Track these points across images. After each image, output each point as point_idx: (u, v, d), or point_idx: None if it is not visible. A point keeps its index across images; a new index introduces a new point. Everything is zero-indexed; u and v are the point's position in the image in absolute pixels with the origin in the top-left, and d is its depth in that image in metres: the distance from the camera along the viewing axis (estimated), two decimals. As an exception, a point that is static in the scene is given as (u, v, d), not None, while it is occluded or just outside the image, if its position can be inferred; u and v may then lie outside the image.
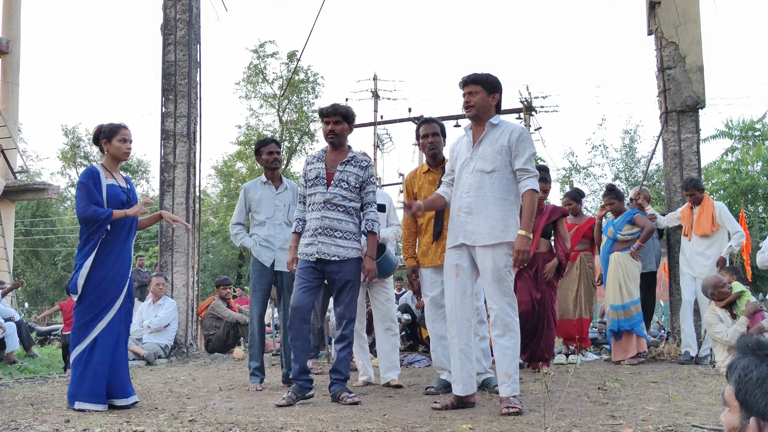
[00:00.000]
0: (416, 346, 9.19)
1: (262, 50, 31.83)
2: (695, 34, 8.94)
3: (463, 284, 4.66)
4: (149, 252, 33.10)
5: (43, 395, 5.53)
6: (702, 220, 7.95)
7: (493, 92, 4.68)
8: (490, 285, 4.51)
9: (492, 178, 4.55)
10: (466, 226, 4.60)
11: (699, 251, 7.98)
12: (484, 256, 4.53)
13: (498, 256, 4.48)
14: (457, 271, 4.67)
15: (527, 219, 4.44)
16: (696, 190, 8.03)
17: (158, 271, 9.88)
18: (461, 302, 4.66)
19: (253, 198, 6.12)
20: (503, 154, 4.55)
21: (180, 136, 9.97)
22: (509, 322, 4.47)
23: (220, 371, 7.45)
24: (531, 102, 24.79)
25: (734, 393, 1.55)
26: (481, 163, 4.59)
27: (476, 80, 4.68)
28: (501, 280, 4.48)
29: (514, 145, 4.55)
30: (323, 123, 5.26)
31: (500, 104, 4.78)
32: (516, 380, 4.48)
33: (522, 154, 4.54)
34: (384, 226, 6.22)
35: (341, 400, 4.91)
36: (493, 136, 4.62)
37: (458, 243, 4.64)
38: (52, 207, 37.76)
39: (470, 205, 4.59)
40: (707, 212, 7.98)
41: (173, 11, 10.22)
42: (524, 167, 4.53)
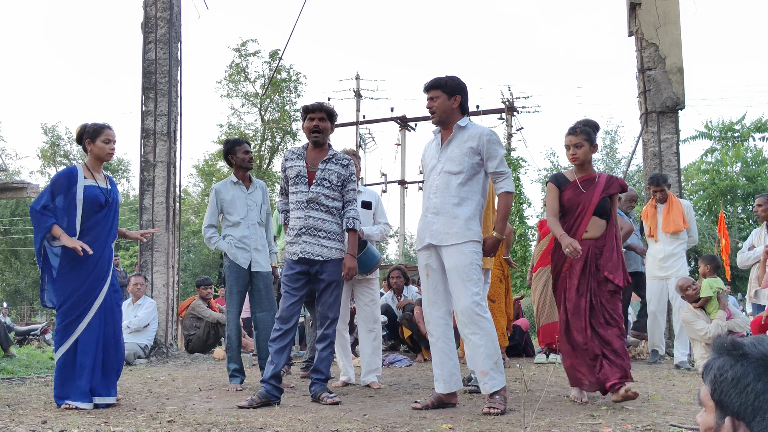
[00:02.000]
0: (397, 345, 9.19)
1: (244, 49, 31.73)
2: (675, 35, 9.01)
3: (435, 284, 4.70)
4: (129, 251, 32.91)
5: (20, 396, 5.47)
6: (672, 217, 7.73)
7: (453, 95, 4.69)
8: (456, 283, 4.53)
9: (458, 179, 4.60)
10: (432, 226, 4.65)
11: (670, 251, 7.75)
12: (449, 255, 4.57)
13: (463, 254, 4.51)
14: (428, 271, 4.72)
15: (501, 221, 4.59)
16: (665, 186, 7.84)
17: (138, 270, 9.82)
18: (435, 302, 4.71)
19: (225, 199, 6.00)
20: (470, 155, 4.60)
21: (160, 134, 9.92)
22: (478, 319, 4.47)
23: (200, 371, 7.41)
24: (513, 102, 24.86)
25: (710, 393, 1.55)
26: (449, 165, 4.63)
27: (436, 85, 4.73)
28: (468, 279, 4.50)
29: (485, 149, 4.60)
30: (307, 120, 5.22)
31: (465, 105, 4.77)
32: (494, 375, 4.44)
33: (494, 156, 4.61)
34: (370, 223, 6.20)
35: (321, 400, 4.89)
36: (461, 138, 4.66)
37: (426, 243, 4.69)
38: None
39: (437, 205, 4.64)
40: (676, 209, 7.77)
41: (154, 9, 10.16)
42: (497, 170, 4.61)
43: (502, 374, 4.51)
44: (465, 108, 4.78)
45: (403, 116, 26.30)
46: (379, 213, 6.33)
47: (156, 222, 9.74)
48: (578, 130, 4.97)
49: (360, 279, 6.03)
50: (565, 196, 4.97)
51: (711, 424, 1.54)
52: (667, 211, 7.74)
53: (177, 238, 10.10)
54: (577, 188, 4.96)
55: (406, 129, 26.77)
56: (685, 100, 8.93)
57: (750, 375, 1.47)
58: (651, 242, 7.90)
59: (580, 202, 4.94)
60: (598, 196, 4.93)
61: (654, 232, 7.80)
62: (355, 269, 5.14)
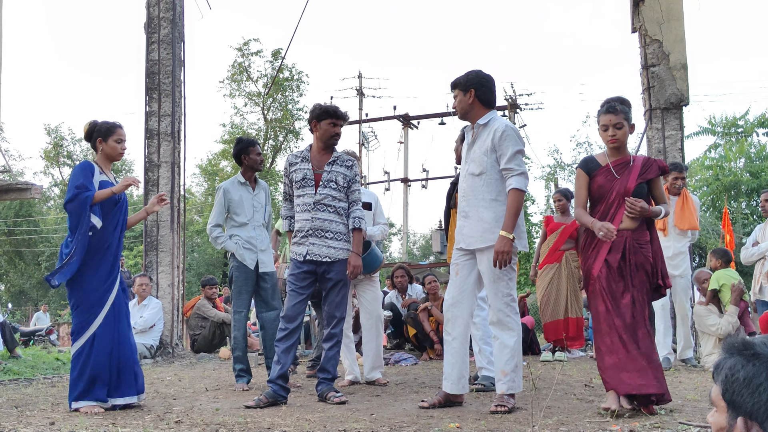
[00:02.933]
0: (403, 344, 9.19)
1: (247, 48, 31.78)
2: (679, 31, 9.00)
3: (461, 284, 4.68)
4: (134, 251, 32.95)
5: (27, 397, 5.49)
6: (687, 213, 7.20)
7: (467, 90, 4.64)
8: (488, 286, 4.54)
9: (481, 181, 4.55)
10: (463, 230, 4.64)
11: (679, 248, 7.24)
12: (480, 258, 4.56)
13: (492, 258, 4.45)
14: (457, 269, 4.71)
15: (510, 219, 4.41)
16: (684, 175, 7.29)
17: (143, 270, 9.83)
18: (459, 301, 4.68)
19: (233, 199, 5.99)
20: (489, 154, 4.52)
21: (164, 135, 9.93)
22: (508, 320, 4.48)
23: (206, 371, 7.42)
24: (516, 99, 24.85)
25: (721, 393, 1.55)
26: (472, 167, 4.60)
27: (453, 85, 4.73)
28: (498, 281, 4.49)
29: (498, 145, 4.50)
30: (329, 124, 5.19)
31: (484, 98, 4.63)
32: (514, 378, 4.45)
33: (505, 152, 4.47)
34: (370, 224, 6.23)
35: (328, 399, 4.90)
36: (483, 136, 4.60)
37: (459, 246, 4.69)
38: (35, 207, 37.45)
39: (464, 209, 4.63)
40: (691, 205, 7.26)
41: (157, 9, 10.17)
42: (507, 166, 4.46)
43: (520, 379, 4.51)
44: (486, 101, 4.65)
45: (405, 114, 26.28)
46: (378, 213, 6.39)
47: (161, 222, 9.75)
48: (618, 109, 4.41)
49: (362, 278, 6.10)
50: (595, 183, 4.48)
51: (723, 424, 1.53)
52: (680, 206, 7.19)
53: (181, 237, 10.11)
54: (609, 173, 4.45)
55: (409, 127, 26.75)
56: (689, 97, 8.91)
57: (762, 375, 1.47)
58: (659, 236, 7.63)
59: (614, 189, 4.41)
60: (633, 182, 4.41)
61: (665, 226, 7.14)
62: (359, 268, 5.15)
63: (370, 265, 5.96)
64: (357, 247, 5.18)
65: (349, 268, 5.12)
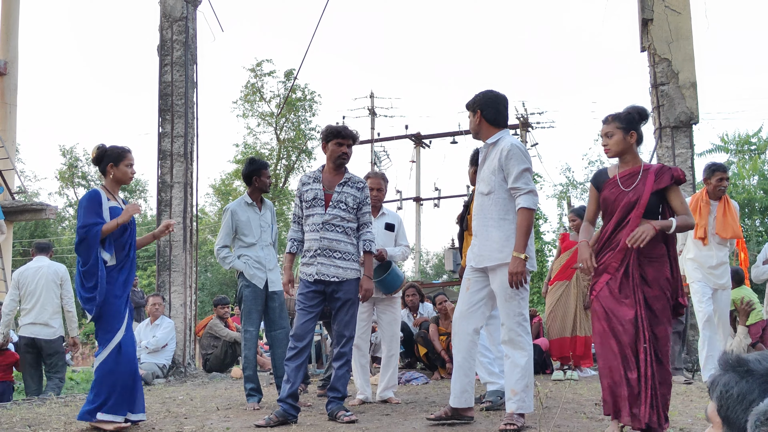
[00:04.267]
0: (414, 363, 9.19)
1: (259, 69, 32.06)
2: (688, 50, 9.03)
3: (471, 300, 4.71)
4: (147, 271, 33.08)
5: (40, 417, 5.53)
6: (729, 219, 6.50)
7: (475, 111, 4.72)
8: (500, 305, 4.58)
9: (490, 200, 4.59)
10: (474, 249, 4.69)
11: (722, 257, 6.59)
12: (492, 277, 4.60)
13: (503, 277, 4.49)
14: (468, 285, 4.74)
15: (521, 239, 4.41)
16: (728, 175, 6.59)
17: (156, 290, 9.90)
18: (467, 317, 4.70)
19: (240, 220, 6.05)
20: (496, 174, 4.55)
21: (177, 156, 10.03)
22: (519, 340, 4.51)
23: (218, 390, 7.45)
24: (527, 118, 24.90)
25: (716, 409, 1.58)
26: (481, 186, 4.65)
27: (467, 107, 4.81)
28: (510, 300, 4.51)
29: (504, 164, 4.51)
30: (335, 144, 5.26)
31: (492, 117, 4.66)
32: (524, 398, 4.46)
33: (512, 171, 4.48)
34: (392, 245, 6.28)
35: (338, 418, 4.91)
36: (491, 156, 4.65)
37: (470, 264, 4.73)
38: (50, 227, 37.72)
39: (476, 228, 4.69)
40: (732, 210, 6.58)
41: (170, 32, 10.31)
42: (515, 185, 4.47)
43: (531, 399, 4.51)
44: (494, 120, 4.68)
45: (417, 133, 26.34)
46: (401, 235, 6.41)
47: (173, 242, 9.82)
48: (609, 118, 4.35)
49: (383, 298, 6.14)
50: (602, 196, 4.37)
51: (719, 440, 1.56)
52: (722, 212, 6.52)
53: (194, 257, 10.18)
54: (615, 186, 4.30)
55: (421, 146, 26.82)
56: (699, 114, 8.92)
57: (755, 391, 1.50)
58: (697, 246, 6.60)
59: (621, 202, 4.24)
60: (647, 195, 4.18)
61: (705, 234, 6.48)
62: (371, 291, 5.19)
63: (390, 286, 6.04)
64: (368, 270, 5.22)
65: (361, 291, 5.15)
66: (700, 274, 6.58)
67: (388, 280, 6.00)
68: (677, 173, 4.22)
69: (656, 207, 4.22)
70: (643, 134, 4.39)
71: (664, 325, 4.11)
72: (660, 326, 4.10)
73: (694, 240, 6.57)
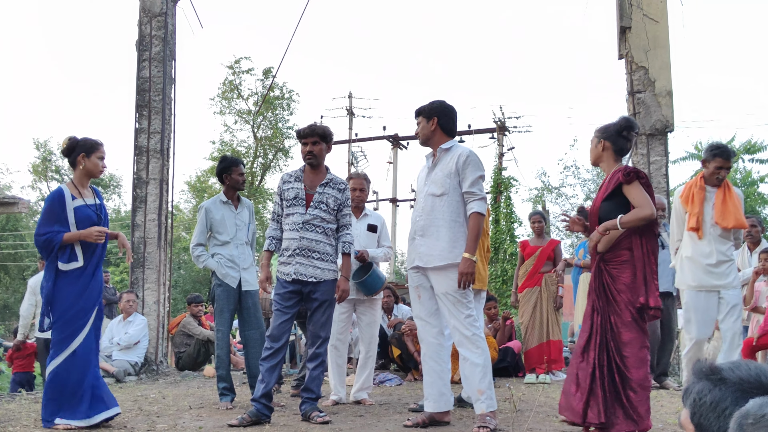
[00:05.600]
0: (387, 364, 9.20)
1: (238, 66, 31.90)
2: (665, 59, 9.12)
3: (426, 305, 4.79)
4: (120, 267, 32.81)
5: (10, 413, 5.47)
6: (730, 206, 5.57)
7: (431, 118, 4.83)
8: (447, 307, 4.60)
9: (442, 201, 4.67)
10: (419, 249, 4.73)
11: (723, 252, 5.61)
12: (437, 278, 4.65)
13: (450, 279, 4.58)
14: (419, 293, 4.80)
15: (472, 241, 4.54)
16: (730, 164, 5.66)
17: (129, 287, 9.82)
18: (427, 323, 4.80)
19: (215, 218, 6.01)
20: (452, 177, 4.68)
21: (153, 152, 9.96)
22: (474, 338, 4.54)
23: (191, 389, 7.41)
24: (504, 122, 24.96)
25: (690, 416, 1.60)
26: (433, 187, 4.73)
27: (417, 112, 4.92)
28: (457, 301, 4.57)
29: (461, 169, 4.66)
30: (301, 144, 5.29)
31: (447, 126, 4.85)
32: (490, 395, 4.51)
33: (468, 177, 4.64)
34: (374, 246, 6.29)
35: (312, 419, 4.91)
36: (445, 160, 4.77)
37: (414, 265, 4.77)
38: (21, 221, 37.29)
39: (423, 227, 4.73)
40: (734, 197, 5.63)
41: (148, 28, 10.23)
42: (470, 190, 4.64)
43: (494, 394, 4.59)
44: (448, 129, 4.87)
45: (395, 135, 26.37)
46: (383, 236, 6.44)
47: (148, 239, 9.75)
48: (595, 130, 4.49)
49: (363, 300, 6.17)
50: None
51: (691, 446, 1.58)
52: (721, 199, 5.59)
53: (168, 254, 10.11)
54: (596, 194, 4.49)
55: (398, 147, 26.85)
56: (674, 123, 9.02)
57: (728, 399, 1.52)
58: (692, 240, 5.68)
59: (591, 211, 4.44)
60: (597, 202, 4.38)
61: (699, 224, 5.57)
62: (347, 292, 5.20)
63: (371, 287, 6.06)
64: (346, 271, 5.23)
65: (338, 292, 5.15)
66: (694, 278, 5.58)
67: (368, 282, 6.02)
68: (625, 170, 4.24)
69: (620, 210, 4.20)
70: (624, 146, 4.41)
71: (627, 329, 4.13)
72: (623, 330, 4.14)
73: (688, 234, 5.67)
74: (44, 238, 4.67)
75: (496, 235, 21.93)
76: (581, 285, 8.04)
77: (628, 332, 4.15)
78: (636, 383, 4.11)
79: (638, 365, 4.12)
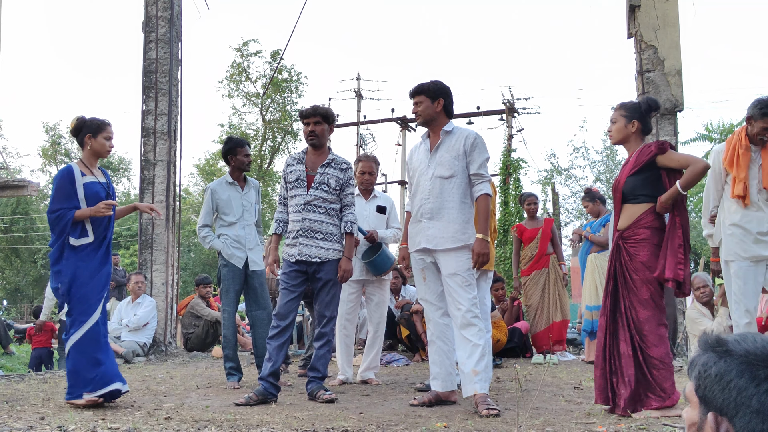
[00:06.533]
0: (395, 345, 9.21)
1: (246, 49, 31.81)
2: (674, 38, 9.03)
3: (432, 286, 4.78)
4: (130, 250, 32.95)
5: (18, 393, 5.50)
6: None
7: (436, 98, 4.77)
8: (455, 288, 4.58)
9: (451, 183, 4.65)
10: (428, 231, 4.69)
11: None
12: (447, 259, 4.62)
13: (461, 260, 4.57)
14: (425, 275, 4.80)
15: (483, 222, 4.55)
16: None
17: (138, 269, 9.85)
18: (433, 304, 4.80)
19: (221, 199, 6.02)
20: (460, 159, 4.66)
21: (160, 134, 9.95)
22: (477, 320, 4.54)
23: (199, 369, 7.44)
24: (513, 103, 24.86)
25: (694, 389, 1.58)
26: (440, 170, 4.68)
27: (419, 90, 4.82)
28: (466, 283, 4.57)
29: (469, 151, 4.65)
30: (304, 124, 5.28)
31: (449, 109, 4.84)
32: (485, 377, 4.50)
33: (476, 159, 4.65)
34: (383, 227, 6.29)
35: (318, 397, 4.92)
36: (449, 142, 4.72)
37: (421, 247, 4.73)
38: (32, 204, 37.45)
39: (431, 210, 4.69)
40: None
41: (155, 9, 10.19)
42: (478, 172, 4.65)
43: (490, 377, 4.63)
44: (450, 111, 4.85)
45: (403, 117, 26.28)
46: (392, 217, 6.44)
47: (156, 220, 9.77)
48: (617, 105, 4.48)
49: (372, 280, 6.19)
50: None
51: (695, 419, 1.56)
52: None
53: (177, 236, 10.12)
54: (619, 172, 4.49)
55: (407, 130, 26.76)
56: (684, 102, 8.94)
57: (733, 371, 1.50)
58: (735, 207, 5.02)
59: (614, 189, 4.48)
60: (623, 177, 4.36)
61: (746, 192, 4.92)
62: (350, 272, 5.19)
63: (380, 267, 6.08)
64: (348, 251, 5.22)
65: (340, 272, 5.15)
66: (745, 249, 4.94)
67: (377, 262, 6.03)
68: (659, 143, 4.27)
69: (646, 187, 4.25)
70: (650, 126, 4.45)
71: (644, 307, 4.20)
72: (639, 308, 4.21)
73: (732, 200, 5.01)
74: (56, 214, 4.69)
75: (504, 216, 21.88)
76: (589, 265, 8.01)
77: (644, 310, 4.21)
78: (657, 360, 4.16)
79: (658, 342, 4.17)
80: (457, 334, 4.58)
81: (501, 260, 21.01)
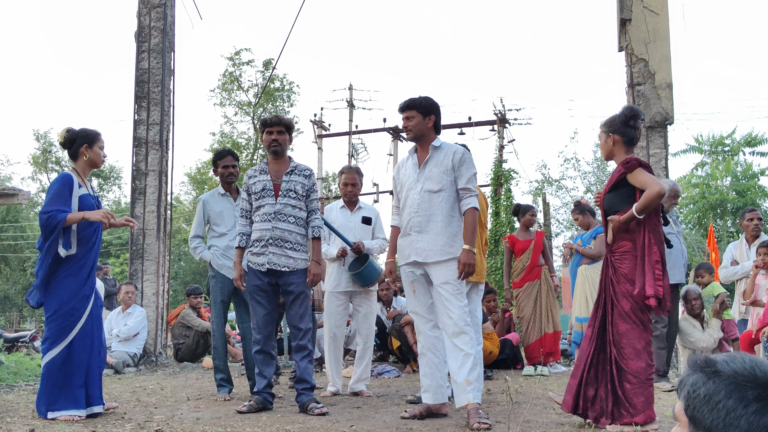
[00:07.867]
0: (386, 356, 9.21)
1: (238, 58, 31.81)
2: (665, 51, 9.09)
3: (422, 299, 4.81)
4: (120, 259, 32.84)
5: (8, 404, 5.48)
6: None
7: (428, 115, 4.84)
8: (446, 298, 4.61)
9: (440, 197, 4.71)
10: (417, 244, 4.73)
11: None
12: (437, 271, 4.66)
13: (451, 271, 4.61)
14: (414, 287, 4.83)
15: (470, 234, 4.60)
16: None
17: (129, 279, 9.82)
18: (423, 316, 4.83)
19: (213, 210, 6.04)
20: (448, 174, 4.73)
21: (152, 143, 9.94)
22: (468, 329, 4.57)
23: (189, 380, 7.42)
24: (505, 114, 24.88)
25: (683, 409, 1.59)
26: (429, 184, 4.74)
27: (411, 105, 4.86)
28: (455, 290, 4.61)
29: (457, 166, 4.73)
30: (266, 133, 5.31)
31: (438, 125, 4.91)
32: (477, 387, 4.53)
33: (464, 174, 4.72)
34: (369, 239, 6.31)
35: (309, 410, 4.92)
36: (438, 157, 4.78)
37: (411, 260, 4.77)
38: (22, 212, 37.30)
39: (420, 223, 4.73)
40: None
41: (148, 19, 10.21)
42: (466, 186, 4.72)
43: (482, 387, 4.64)
44: (438, 127, 4.92)
45: (395, 127, 26.26)
46: (378, 228, 6.46)
47: (147, 230, 9.75)
48: (600, 125, 4.54)
49: (359, 291, 6.19)
50: None
51: (684, 439, 1.58)
52: None
53: (168, 246, 10.11)
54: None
55: (399, 140, 26.76)
56: (674, 115, 9.00)
57: (722, 392, 1.51)
58: None
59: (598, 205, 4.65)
60: (603, 194, 4.50)
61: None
62: (319, 276, 5.23)
63: (368, 278, 6.10)
64: (316, 255, 5.27)
65: (309, 276, 5.18)
66: None
67: (365, 273, 6.05)
68: (625, 161, 4.31)
69: (624, 202, 4.29)
70: (633, 135, 4.42)
71: (623, 320, 4.21)
72: (619, 321, 4.23)
73: None
74: (47, 215, 4.63)
75: (495, 227, 21.90)
76: (579, 277, 8.05)
77: (623, 323, 4.23)
78: (632, 374, 4.16)
79: (634, 356, 4.17)
80: (448, 343, 4.60)
81: (492, 270, 21.03)
